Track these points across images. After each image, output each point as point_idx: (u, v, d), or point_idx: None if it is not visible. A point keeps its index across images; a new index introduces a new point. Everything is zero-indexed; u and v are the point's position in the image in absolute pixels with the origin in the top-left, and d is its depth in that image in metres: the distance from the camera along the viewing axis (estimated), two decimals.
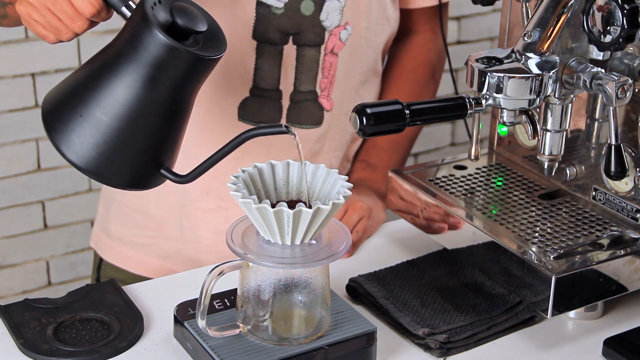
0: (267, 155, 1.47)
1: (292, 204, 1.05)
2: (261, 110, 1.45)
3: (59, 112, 1.11)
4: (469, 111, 1.15)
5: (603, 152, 1.21)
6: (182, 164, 1.50)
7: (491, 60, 1.16)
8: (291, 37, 1.43)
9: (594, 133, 1.29)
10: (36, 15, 1.13)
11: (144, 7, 1.07)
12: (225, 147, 1.12)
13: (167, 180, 1.43)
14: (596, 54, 1.17)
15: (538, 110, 1.20)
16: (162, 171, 1.13)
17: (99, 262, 1.62)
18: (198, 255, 1.53)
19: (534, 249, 1.20)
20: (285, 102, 1.46)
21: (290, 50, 1.43)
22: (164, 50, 1.07)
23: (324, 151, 1.52)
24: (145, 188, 1.14)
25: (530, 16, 1.19)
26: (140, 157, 1.11)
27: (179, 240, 1.54)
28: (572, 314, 1.25)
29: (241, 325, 1.10)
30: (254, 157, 1.47)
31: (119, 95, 1.08)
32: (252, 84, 1.45)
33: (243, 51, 1.43)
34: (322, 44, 1.44)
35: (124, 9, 1.11)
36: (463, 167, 1.41)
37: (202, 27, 1.10)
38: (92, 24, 1.14)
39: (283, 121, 1.47)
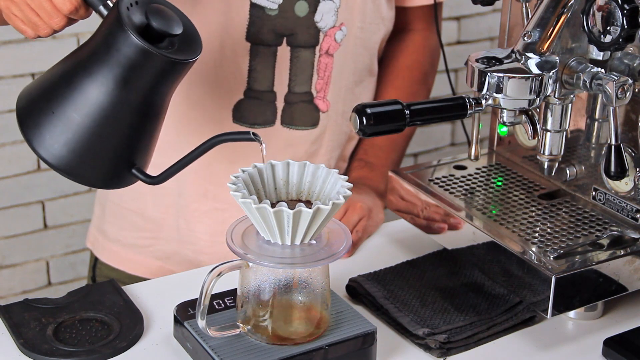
0: (262, 157, 1.47)
1: (292, 204, 1.05)
2: (256, 112, 1.45)
3: (32, 108, 1.12)
4: (469, 111, 1.15)
5: (603, 152, 1.21)
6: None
7: (491, 60, 1.16)
8: (285, 39, 1.43)
9: (594, 133, 1.29)
10: (15, 9, 1.14)
11: (118, 8, 1.07)
12: (194, 151, 1.14)
13: (166, 184, 1.43)
14: (596, 54, 1.17)
15: (538, 110, 1.20)
16: (134, 171, 1.14)
17: (94, 262, 1.62)
18: (195, 257, 1.53)
19: (534, 249, 1.20)
20: (280, 104, 1.46)
21: (284, 51, 1.43)
22: (136, 52, 1.07)
23: (322, 152, 1.52)
24: (116, 187, 1.16)
25: (530, 16, 1.19)
26: (111, 157, 1.12)
27: (176, 241, 1.54)
28: (572, 314, 1.25)
29: (241, 325, 1.10)
30: (249, 158, 1.47)
31: (91, 94, 1.09)
32: (246, 86, 1.44)
33: (237, 53, 1.43)
34: (317, 45, 1.44)
35: (101, 7, 1.12)
36: (463, 167, 1.41)
37: (177, 30, 1.10)
38: (71, 21, 1.14)
39: (278, 123, 1.46)
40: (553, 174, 1.28)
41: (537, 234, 1.23)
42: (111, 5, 1.11)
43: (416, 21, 1.60)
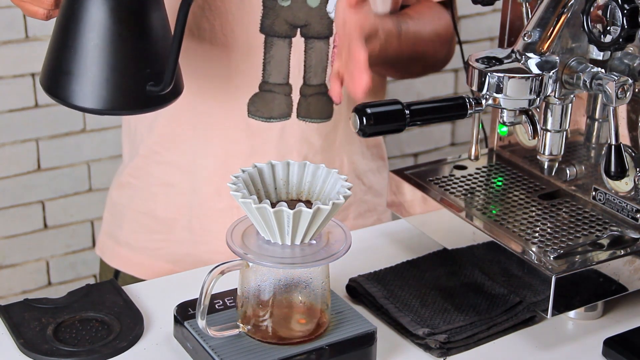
0: (277, 152, 1.46)
1: (292, 204, 1.05)
2: (271, 106, 1.44)
3: (55, 77, 1.18)
4: (469, 111, 1.16)
5: (603, 152, 1.21)
6: (191, 164, 1.49)
7: (491, 60, 1.16)
8: (299, 30, 1.42)
9: (594, 133, 1.29)
10: None
11: None
12: (176, 29, 1.15)
13: (179, 183, 1.43)
14: (596, 54, 1.17)
15: (538, 110, 1.20)
16: (148, 87, 1.17)
17: (115, 275, 1.60)
18: (210, 257, 1.50)
19: (534, 249, 1.20)
20: (295, 97, 1.45)
21: (298, 42, 1.42)
22: None
23: (336, 145, 1.51)
24: (152, 107, 1.19)
25: (530, 16, 1.19)
26: (131, 77, 1.16)
27: (189, 242, 1.51)
28: (572, 314, 1.25)
29: (241, 325, 1.10)
30: (266, 153, 1.45)
31: (90, 31, 1.15)
32: (261, 79, 1.44)
33: (251, 45, 1.42)
34: (331, 36, 1.43)
35: None
36: (463, 167, 1.41)
37: None
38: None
39: (294, 116, 1.45)
40: (553, 174, 1.28)
41: (537, 234, 1.23)
42: None
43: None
